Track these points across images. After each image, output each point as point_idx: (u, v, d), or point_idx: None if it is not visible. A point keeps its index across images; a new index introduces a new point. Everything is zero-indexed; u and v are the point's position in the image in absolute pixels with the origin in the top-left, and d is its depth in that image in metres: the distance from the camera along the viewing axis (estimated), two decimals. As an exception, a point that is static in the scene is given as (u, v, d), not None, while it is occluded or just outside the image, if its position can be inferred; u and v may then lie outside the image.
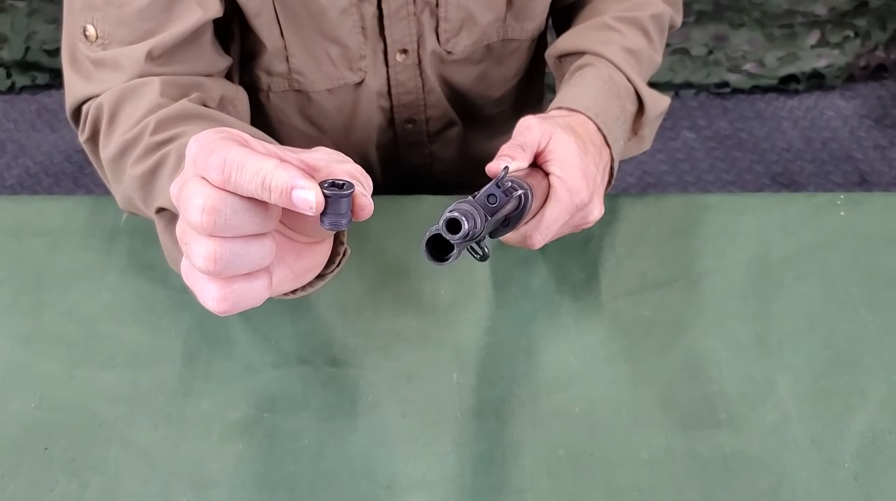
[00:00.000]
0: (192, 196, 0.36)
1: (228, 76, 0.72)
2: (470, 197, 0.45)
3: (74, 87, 0.65)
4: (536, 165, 0.59)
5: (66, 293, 0.69)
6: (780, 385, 0.63)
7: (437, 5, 0.72)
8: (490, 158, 0.57)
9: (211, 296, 0.38)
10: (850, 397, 0.62)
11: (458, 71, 0.79)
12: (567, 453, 0.59)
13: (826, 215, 0.74)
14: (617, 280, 0.70)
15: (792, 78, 1.95)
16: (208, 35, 0.66)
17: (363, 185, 0.41)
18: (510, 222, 0.52)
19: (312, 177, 0.37)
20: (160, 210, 0.53)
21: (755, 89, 1.97)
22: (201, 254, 0.37)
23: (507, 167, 0.49)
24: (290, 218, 0.42)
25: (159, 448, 0.59)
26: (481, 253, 0.48)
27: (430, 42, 0.75)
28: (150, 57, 0.62)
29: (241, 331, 0.66)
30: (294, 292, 0.47)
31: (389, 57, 0.75)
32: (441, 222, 0.43)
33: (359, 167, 0.42)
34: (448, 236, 0.43)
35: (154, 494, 0.57)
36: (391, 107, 0.80)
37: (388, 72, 0.76)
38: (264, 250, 0.38)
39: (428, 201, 0.76)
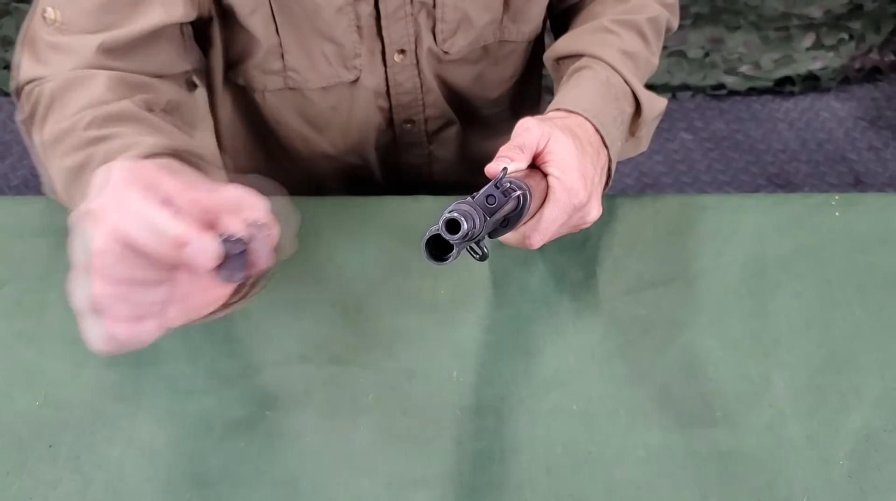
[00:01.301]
0: (86, 234, 0.36)
1: (210, 79, 0.71)
2: (469, 198, 0.45)
3: (24, 66, 0.63)
4: (535, 166, 0.59)
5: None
6: (775, 384, 0.63)
7: (434, 6, 0.72)
8: (489, 157, 0.57)
9: (94, 336, 0.38)
10: (844, 395, 0.62)
11: (455, 71, 0.79)
12: (565, 450, 0.59)
13: (821, 215, 0.74)
14: (614, 280, 0.69)
15: (787, 80, 1.95)
16: (171, 37, 0.65)
17: (268, 233, 0.40)
18: (509, 222, 0.52)
19: (213, 226, 0.36)
20: None
21: (751, 91, 1.97)
22: (85, 293, 0.36)
23: (505, 168, 0.49)
24: None
25: (162, 445, 0.59)
26: (481, 253, 0.48)
27: (426, 41, 0.75)
28: (102, 49, 0.61)
29: (244, 330, 0.66)
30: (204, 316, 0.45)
31: (387, 57, 0.75)
32: (441, 222, 0.43)
33: (271, 209, 0.40)
34: (448, 237, 0.43)
35: (157, 491, 0.57)
36: (390, 107, 0.80)
37: (386, 72, 0.76)
38: (155, 297, 0.37)
39: (427, 201, 0.76)
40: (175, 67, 0.67)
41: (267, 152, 0.85)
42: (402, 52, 0.75)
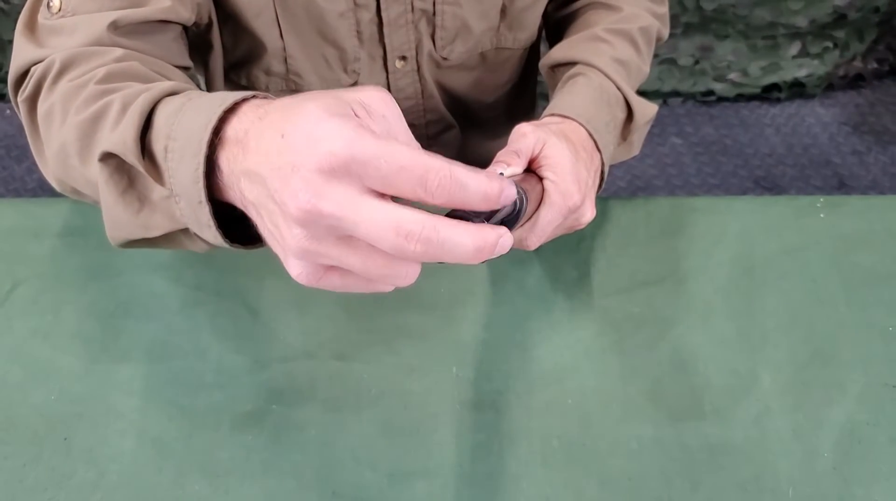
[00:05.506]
0: (392, 217, 0.34)
1: (210, 86, 0.71)
2: None
3: (24, 51, 0.58)
4: (531, 170, 0.59)
5: (84, 291, 0.69)
6: (762, 379, 0.63)
7: (433, 14, 0.72)
8: (487, 160, 0.57)
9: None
10: (829, 390, 0.62)
11: (453, 77, 0.79)
12: (560, 443, 0.59)
13: (806, 217, 0.74)
14: (608, 279, 0.69)
15: (774, 87, 1.95)
16: (176, 32, 0.63)
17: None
18: (506, 224, 0.52)
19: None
20: (105, 157, 0.46)
21: (739, 97, 1.97)
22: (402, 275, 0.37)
23: (502, 173, 0.49)
24: None
25: (173, 438, 0.59)
26: (479, 254, 0.48)
27: (427, 48, 0.75)
28: (114, 26, 0.57)
29: (251, 327, 0.66)
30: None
31: (389, 63, 0.75)
32: None
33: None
34: None
35: (168, 482, 0.57)
36: (391, 112, 0.80)
37: (387, 78, 0.76)
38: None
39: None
40: (179, 60, 0.64)
41: None
42: (404, 58, 0.75)
